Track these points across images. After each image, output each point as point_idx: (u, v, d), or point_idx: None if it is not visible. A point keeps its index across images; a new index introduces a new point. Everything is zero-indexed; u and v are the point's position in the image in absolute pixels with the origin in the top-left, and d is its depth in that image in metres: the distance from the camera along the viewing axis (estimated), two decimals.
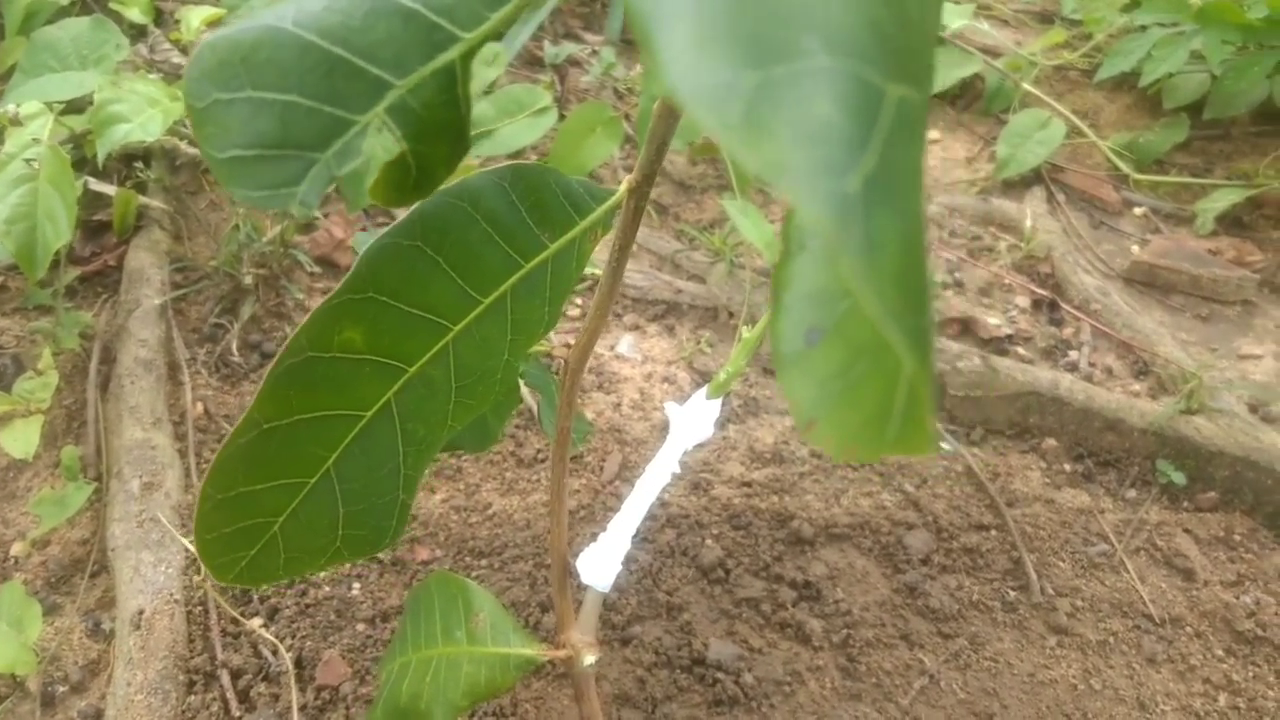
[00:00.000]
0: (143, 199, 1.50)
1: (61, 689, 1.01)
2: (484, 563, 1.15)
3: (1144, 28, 1.99)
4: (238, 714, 0.98)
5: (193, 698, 0.98)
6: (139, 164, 1.54)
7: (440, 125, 0.30)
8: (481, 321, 0.42)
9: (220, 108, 0.28)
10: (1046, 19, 2.41)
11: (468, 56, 0.30)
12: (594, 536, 0.72)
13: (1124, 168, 1.90)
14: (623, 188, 0.46)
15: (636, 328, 1.54)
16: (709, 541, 1.18)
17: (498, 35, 0.30)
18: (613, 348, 1.50)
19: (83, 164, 1.41)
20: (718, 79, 0.15)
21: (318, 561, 0.43)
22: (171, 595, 1.05)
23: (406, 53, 0.29)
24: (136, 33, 1.61)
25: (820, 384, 0.18)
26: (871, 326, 0.18)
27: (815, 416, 0.19)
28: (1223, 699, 1.07)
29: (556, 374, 0.75)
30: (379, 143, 0.29)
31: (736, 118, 0.15)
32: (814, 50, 0.15)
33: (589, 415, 1.37)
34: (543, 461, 1.29)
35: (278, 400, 0.38)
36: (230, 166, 0.29)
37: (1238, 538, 1.25)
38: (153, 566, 1.07)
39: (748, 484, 1.28)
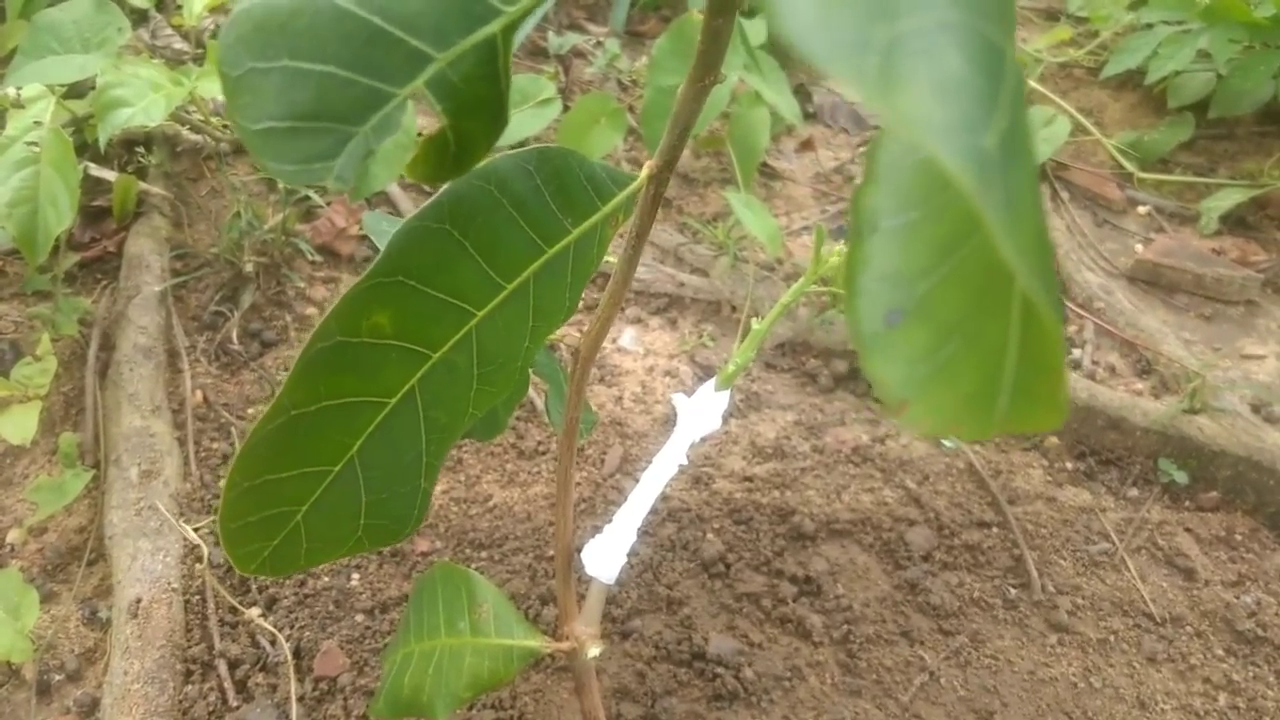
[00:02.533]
0: (143, 185, 1.49)
1: (58, 677, 1.00)
2: (484, 555, 1.15)
3: (1150, 25, 1.98)
4: (235, 704, 0.97)
5: (190, 687, 0.97)
6: (140, 149, 1.53)
7: (480, 100, 0.29)
8: (505, 307, 0.41)
9: (255, 77, 0.27)
10: (1052, 16, 2.41)
11: (509, 30, 0.29)
12: (595, 529, 0.72)
13: (1128, 166, 1.90)
14: (644, 173, 0.45)
15: (639, 320, 1.53)
16: (710, 536, 1.18)
17: (538, 10, 0.29)
18: (615, 340, 1.49)
19: (83, 149, 1.40)
20: (849, 34, 0.15)
21: (339, 551, 0.43)
22: (169, 584, 1.04)
23: (446, 24, 0.28)
24: (138, 17, 1.60)
25: (908, 365, 0.18)
26: (963, 302, 0.17)
27: (906, 398, 0.18)
28: (1223, 698, 1.07)
29: (563, 364, 0.75)
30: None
31: (873, 72, 0.14)
32: (939, 5, 0.15)
33: (592, 408, 1.37)
34: (543, 454, 1.29)
35: (307, 386, 0.37)
36: (264, 139, 0.28)
37: (1239, 537, 1.25)
38: (150, 555, 1.06)
39: (749, 479, 1.27)
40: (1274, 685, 1.09)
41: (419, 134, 0.32)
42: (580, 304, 0.45)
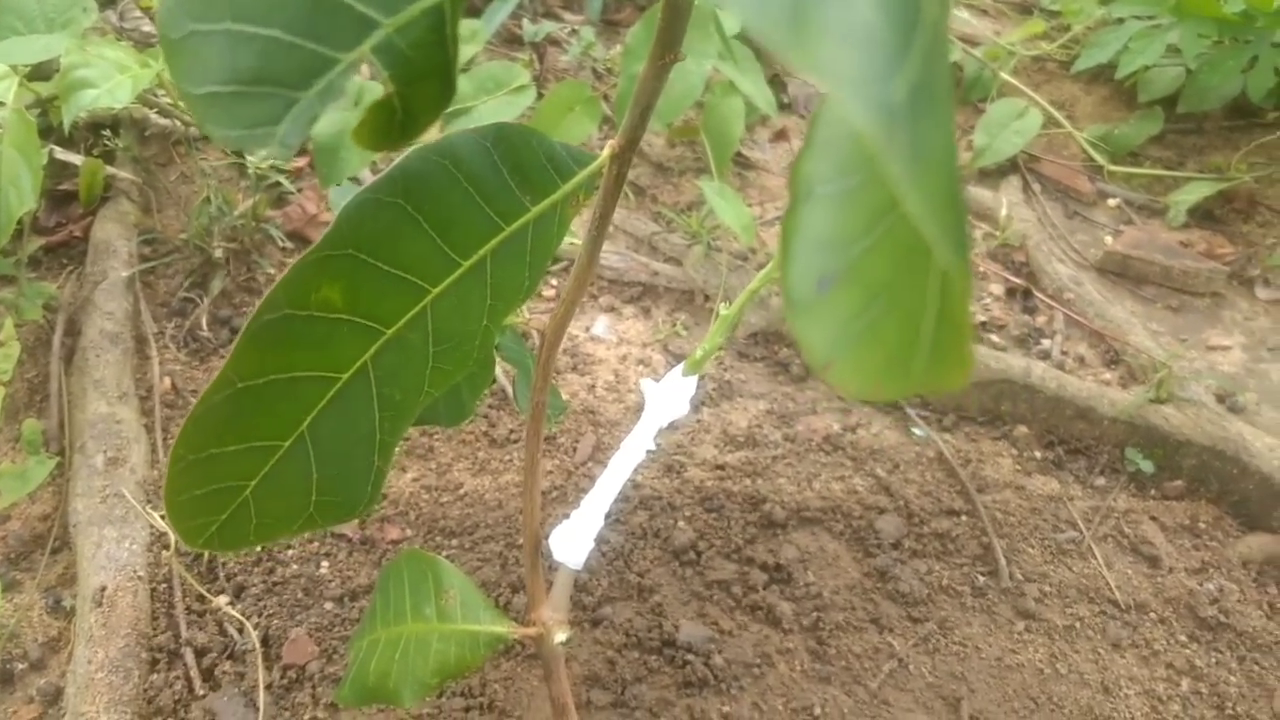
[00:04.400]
0: (110, 169, 1.47)
1: (20, 666, 0.99)
2: (455, 542, 1.14)
3: (1121, 20, 2.00)
4: (201, 693, 0.96)
5: (155, 676, 0.97)
6: (107, 133, 1.51)
7: (428, 67, 0.29)
8: (461, 284, 0.41)
9: (197, 40, 0.27)
10: (1025, 9, 2.42)
11: None
12: (566, 517, 0.72)
13: (1099, 159, 1.92)
14: (605, 153, 0.45)
15: (612, 309, 1.53)
16: (681, 524, 1.18)
17: (477, 10, 0.29)
18: (588, 329, 1.49)
19: (49, 133, 1.38)
20: None
21: (290, 527, 0.42)
22: (135, 572, 1.03)
23: None
24: (106, 0, 1.57)
25: (836, 327, 0.18)
26: (889, 265, 0.17)
27: (832, 358, 0.18)
28: (1185, 684, 1.09)
29: (533, 350, 0.74)
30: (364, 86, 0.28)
31: (784, 18, 0.14)
32: None
33: (563, 396, 1.36)
34: (515, 442, 1.28)
35: (253, 358, 0.37)
36: (207, 103, 0.27)
37: (1203, 526, 1.26)
38: (116, 543, 1.05)
39: (720, 467, 1.27)
40: (1235, 671, 1.11)
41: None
42: (553, 293, 0.44)
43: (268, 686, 0.97)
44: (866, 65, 0.14)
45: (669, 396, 0.77)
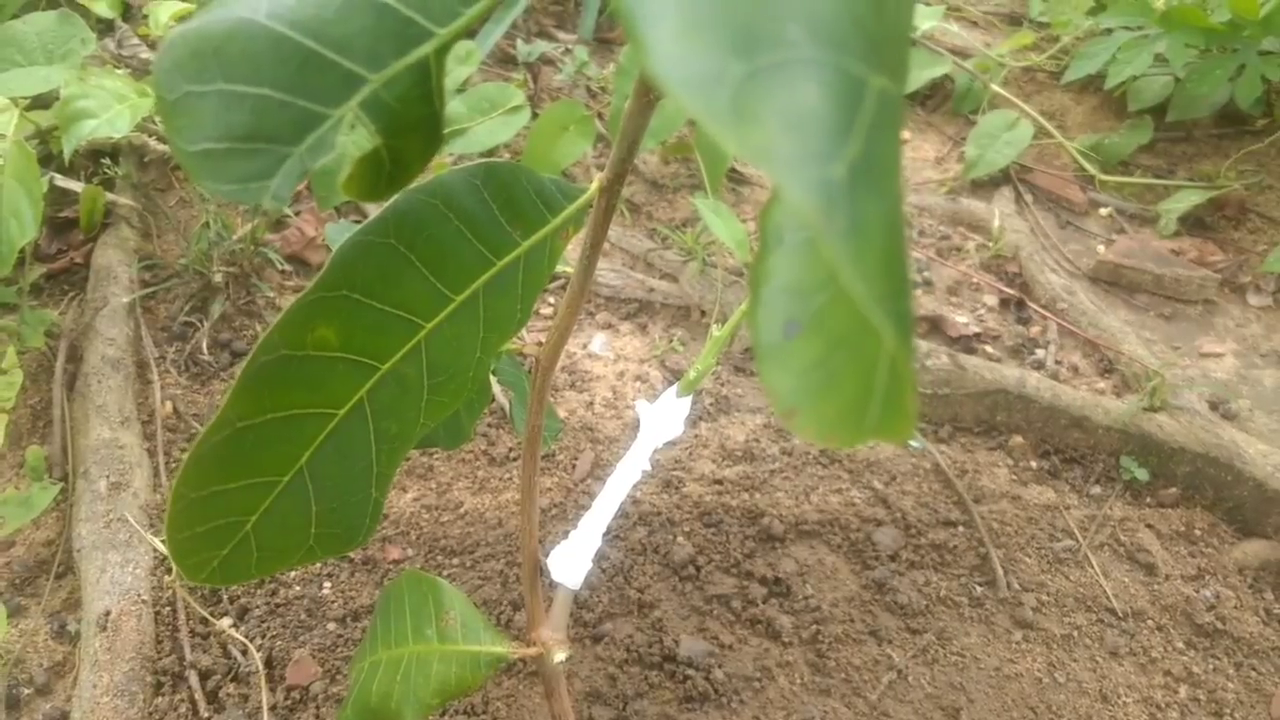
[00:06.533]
0: (110, 196, 1.48)
1: (26, 691, 1.00)
2: (456, 561, 1.15)
3: (1109, 30, 2.02)
4: (206, 715, 0.97)
5: (160, 699, 0.97)
6: (106, 160, 1.52)
7: (414, 120, 0.30)
8: (454, 319, 0.42)
9: (192, 100, 0.28)
10: (1015, 21, 2.44)
11: (442, 51, 0.30)
12: (566, 535, 0.73)
13: (1090, 169, 1.93)
14: (594, 186, 0.46)
15: (609, 326, 1.54)
16: (680, 539, 1.19)
17: (471, 32, 0.30)
18: (585, 346, 1.50)
19: (49, 160, 1.39)
20: (706, 68, 0.16)
21: (290, 560, 0.43)
22: (139, 596, 1.04)
23: (380, 47, 0.29)
24: (104, 27, 1.59)
25: (799, 375, 0.19)
26: (850, 317, 0.18)
27: (795, 406, 0.19)
28: (1183, 691, 1.09)
29: (529, 372, 0.76)
30: (352, 139, 0.29)
31: (724, 105, 0.15)
32: (799, 41, 0.16)
33: (561, 414, 1.37)
34: (514, 460, 1.29)
35: (251, 398, 0.38)
36: (201, 160, 0.28)
37: (1198, 532, 1.27)
38: (120, 567, 1.06)
39: (719, 481, 1.28)
40: (1233, 677, 1.11)
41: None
42: (550, 312, 0.46)
43: (272, 708, 0.98)
44: (806, 147, 0.15)
45: (664, 417, 0.78)
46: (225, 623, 1.06)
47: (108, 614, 1.01)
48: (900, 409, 0.19)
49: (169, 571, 1.08)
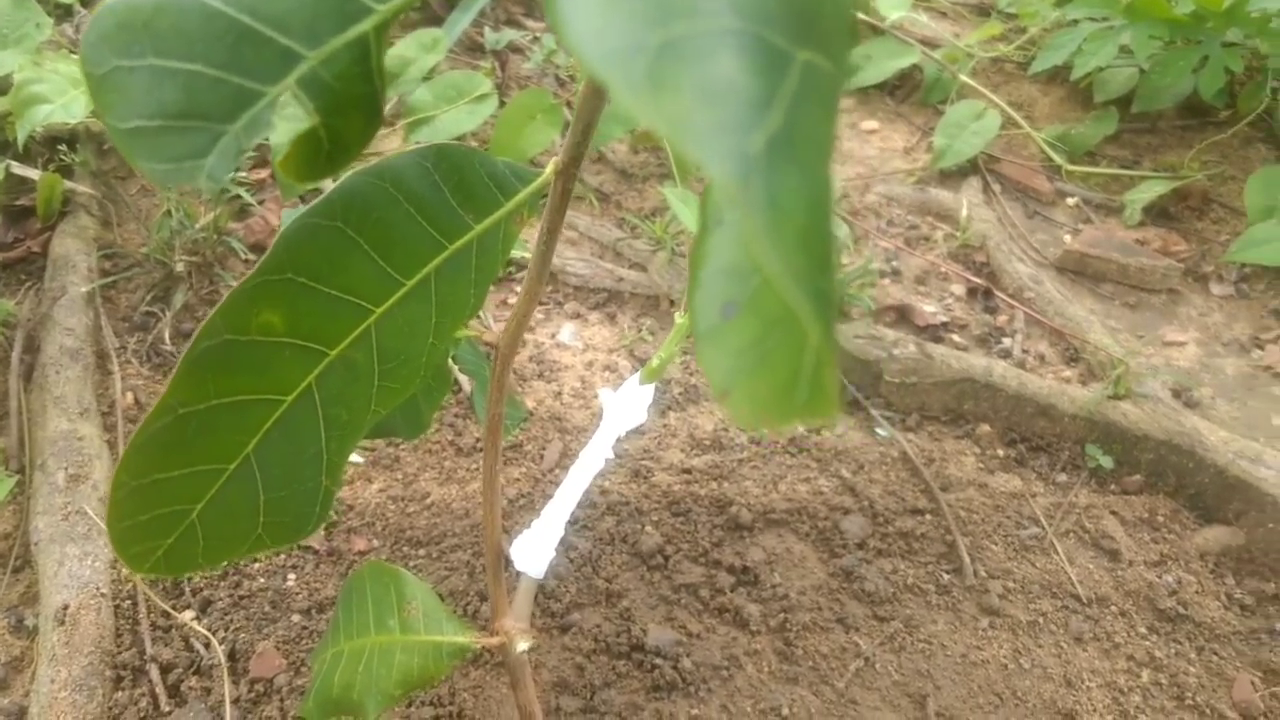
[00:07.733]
0: (69, 184, 1.46)
1: None
2: (422, 552, 1.15)
3: (1076, 22, 2.03)
4: (167, 709, 0.96)
5: (120, 693, 0.96)
6: (64, 147, 1.50)
7: (353, 98, 0.29)
8: (405, 304, 0.41)
9: (121, 75, 0.27)
10: (983, 11, 2.45)
11: (381, 28, 0.29)
12: (532, 524, 0.72)
13: (1057, 159, 1.95)
14: (549, 169, 0.46)
15: (578, 316, 1.54)
16: (648, 528, 1.19)
17: (412, 8, 0.29)
18: (554, 336, 1.49)
19: (4, 147, 1.37)
20: (622, 39, 0.15)
21: (239, 549, 0.42)
22: (98, 589, 1.02)
23: (318, 23, 0.28)
24: (62, 12, 1.56)
25: (735, 356, 0.19)
26: (781, 300, 0.18)
27: (729, 387, 0.19)
28: (1145, 675, 1.11)
29: (491, 360, 0.75)
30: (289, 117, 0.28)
31: (640, 76, 0.15)
32: (719, 11, 0.16)
33: (530, 403, 1.37)
34: (481, 450, 1.28)
35: (194, 384, 0.37)
36: (133, 138, 0.28)
37: (1161, 519, 1.29)
38: (78, 560, 1.04)
39: (687, 471, 1.28)
40: (1194, 661, 1.13)
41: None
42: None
43: (235, 701, 0.97)
44: (723, 118, 0.15)
45: (627, 405, 0.78)
46: (187, 615, 1.04)
47: (66, 608, 0.99)
48: (823, 390, 0.18)
49: None
